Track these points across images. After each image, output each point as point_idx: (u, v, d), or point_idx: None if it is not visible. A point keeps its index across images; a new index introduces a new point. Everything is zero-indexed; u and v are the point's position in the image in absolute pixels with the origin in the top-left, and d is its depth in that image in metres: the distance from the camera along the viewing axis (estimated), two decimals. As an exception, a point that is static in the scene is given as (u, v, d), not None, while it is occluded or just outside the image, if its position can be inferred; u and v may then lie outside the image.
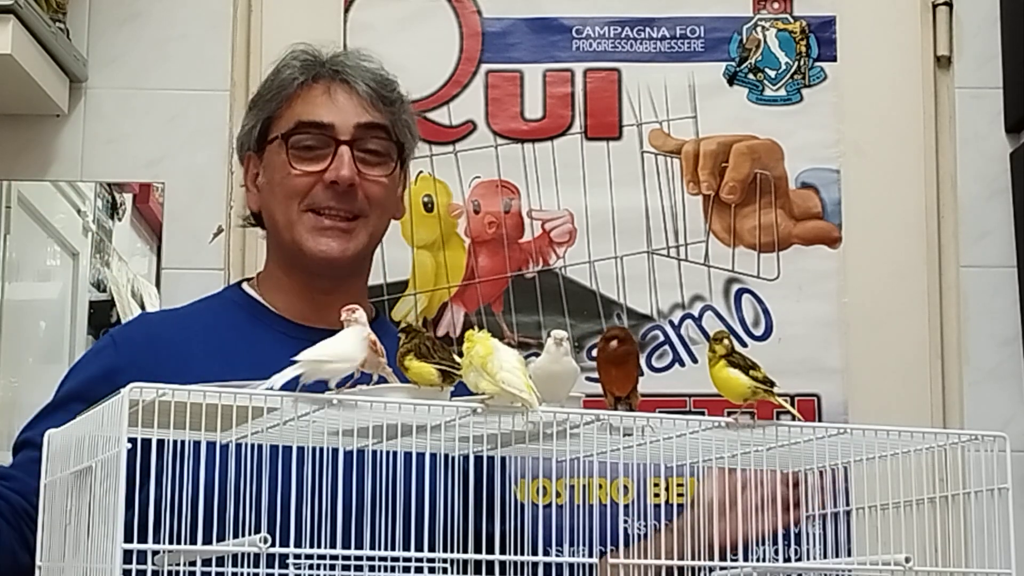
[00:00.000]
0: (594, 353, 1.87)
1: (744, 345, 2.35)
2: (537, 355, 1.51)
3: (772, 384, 1.49)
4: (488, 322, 2.39)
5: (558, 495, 2.29)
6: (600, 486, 2.27)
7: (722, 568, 1.57)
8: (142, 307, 2.38)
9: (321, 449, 1.48)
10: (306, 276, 1.91)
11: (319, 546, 1.40)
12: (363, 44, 2.43)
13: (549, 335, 1.49)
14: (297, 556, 1.39)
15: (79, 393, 1.77)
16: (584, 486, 1.75)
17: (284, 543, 1.35)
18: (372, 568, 1.45)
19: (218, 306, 1.96)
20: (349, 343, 1.40)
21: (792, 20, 2.48)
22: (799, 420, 1.52)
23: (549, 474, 2.24)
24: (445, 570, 1.44)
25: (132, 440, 1.26)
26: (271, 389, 1.32)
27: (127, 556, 1.25)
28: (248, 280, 2.00)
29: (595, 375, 1.58)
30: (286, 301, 1.93)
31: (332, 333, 1.67)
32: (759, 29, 2.48)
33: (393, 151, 1.93)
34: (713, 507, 1.74)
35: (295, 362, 1.35)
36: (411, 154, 2.00)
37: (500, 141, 2.46)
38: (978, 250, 2.42)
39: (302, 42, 1.98)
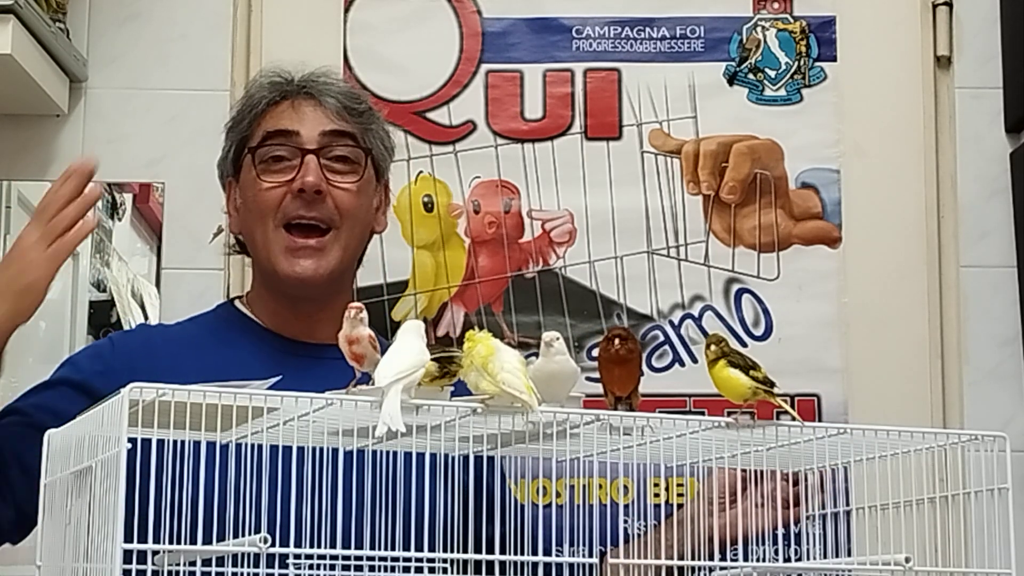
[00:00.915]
0: (595, 353, 1.87)
1: (744, 345, 2.35)
2: (537, 355, 1.51)
3: (772, 385, 1.49)
4: (488, 322, 2.39)
5: (558, 495, 2.29)
6: (600, 486, 2.27)
7: (722, 568, 1.57)
8: (142, 307, 2.38)
9: (321, 449, 1.48)
10: (288, 298, 1.90)
11: (319, 546, 1.40)
12: (363, 44, 2.45)
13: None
14: (297, 556, 1.39)
15: (72, 381, 1.80)
16: (584, 486, 1.75)
17: (284, 543, 1.35)
18: (372, 568, 1.45)
19: (211, 323, 1.96)
20: (415, 347, 1.40)
21: (792, 20, 2.48)
22: (799, 421, 1.52)
23: (549, 474, 2.24)
24: (445, 570, 1.44)
25: (132, 440, 1.26)
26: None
27: (127, 556, 1.25)
28: (240, 297, 2.00)
29: (595, 375, 1.58)
30: (275, 321, 1.92)
31: (325, 348, 1.67)
32: (759, 29, 2.48)
33: (362, 158, 1.91)
34: (713, 503, 1.74)
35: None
36: (386, 166, 1.97)
37: (500, 141, 2.46)
38: (978, 250, 2.42)
39: (274, 64, 1.97)
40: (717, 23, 2.48)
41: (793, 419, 1.52)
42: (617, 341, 1.55)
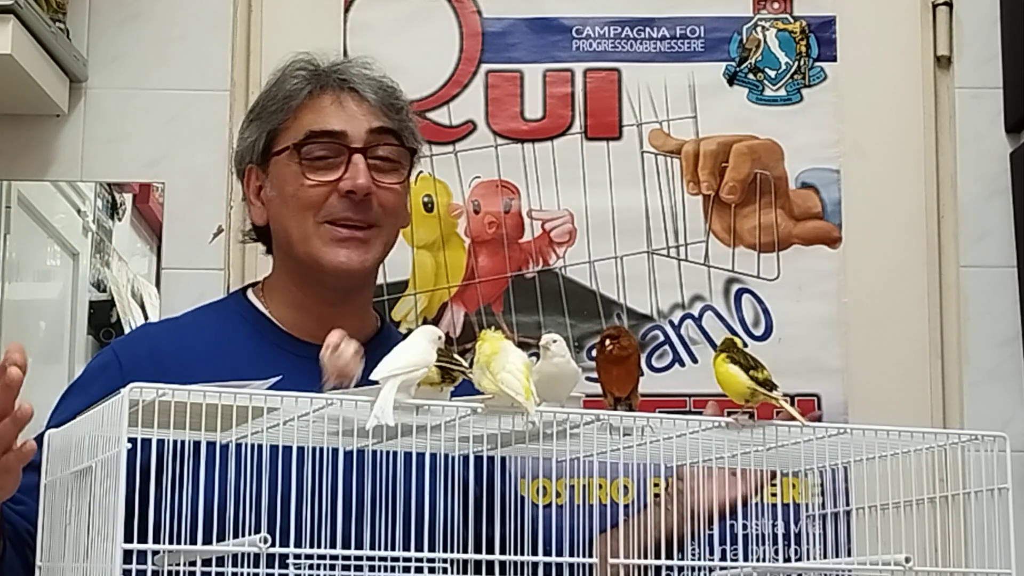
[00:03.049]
0: (594, 353, 1.87)
1: (744, 345, 2.34)
2: (538, 356, 1.51)
3: (774, 387, 1.49)
4: (488, 322, 2.39)
5: (558, 495, 2.29)
6: (600, 486, 2.27)
7: (722, 568, 1.57)
8: (142, 307, 2.38)
9: (321, 449, 1.48)
10: (318, 289, 1.86)
11: (319, 546, 1.40)
12: (363, 44, 2.45)
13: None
14: (297, 556, 1.39)
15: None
16: (584, 486, 1.75)
17: (284, 543, 1.35)
18: (372, 568, 1.45)
19: (223, 319, 1.89)
20: (420, 347, 1.40)
21: (792, 20, 2.48)
22: (799, 420, 1.52)
23: (549, 474, 2.24)
24: (445, 570, 1.44)
25: (132, 440, 1.26)
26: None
27: (127, 556, 1.25)
28: (254, 285, 1.94)
29: (595, 375, 1.58)
30: (293, 316, 1.87)
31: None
32: (759, 29, 2.48)
33: (405, 157, 1.89)
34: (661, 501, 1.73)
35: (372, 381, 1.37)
36: (418, 162, 1.95)
37: (500, 141, 2.46)
38: (978, 250, 2.42)
39: (302, 52, 1.91)
40: (717, 23, 2.48)
41: (794, 418, 1.51)
42: (608, 341, 1.55)
